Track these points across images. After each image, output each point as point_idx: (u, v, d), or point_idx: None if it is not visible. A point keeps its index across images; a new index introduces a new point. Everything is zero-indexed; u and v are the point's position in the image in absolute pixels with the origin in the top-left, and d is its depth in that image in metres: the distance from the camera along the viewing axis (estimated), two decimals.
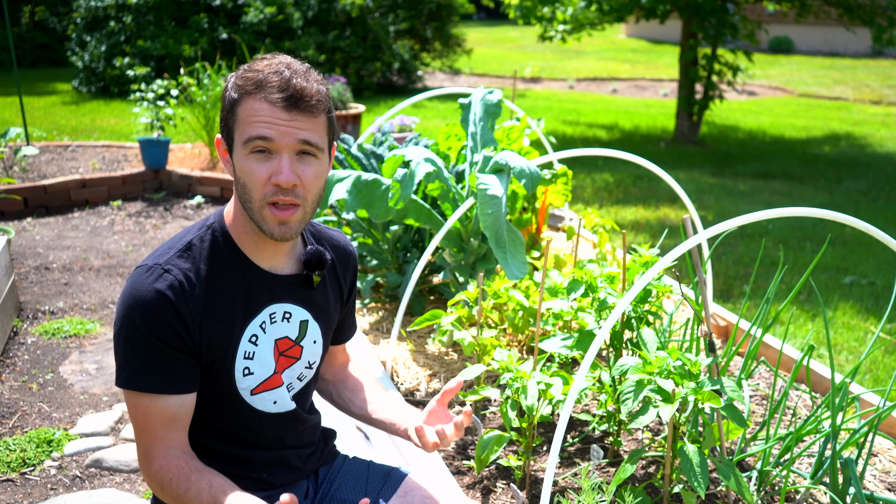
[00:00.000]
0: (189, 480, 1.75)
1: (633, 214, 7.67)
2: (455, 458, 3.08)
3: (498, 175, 3.55)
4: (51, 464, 3.21)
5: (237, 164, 1.78)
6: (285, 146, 1.75)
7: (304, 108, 1.75)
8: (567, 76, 20.37)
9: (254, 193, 1.77)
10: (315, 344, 2.02)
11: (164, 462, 1.77)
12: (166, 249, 1.84)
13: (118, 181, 7.23)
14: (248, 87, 1.75)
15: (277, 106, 1.73)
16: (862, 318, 5.06)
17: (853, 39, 24.05)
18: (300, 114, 1.74)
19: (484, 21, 37.95)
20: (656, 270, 2.28)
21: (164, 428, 1.78)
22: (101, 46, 13.74)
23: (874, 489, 2.85)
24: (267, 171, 1.75)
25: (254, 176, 1.75)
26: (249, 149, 1.75)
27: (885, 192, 8.95)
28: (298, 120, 1.74)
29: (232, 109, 1.77)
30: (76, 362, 4.08)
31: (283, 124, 1.73)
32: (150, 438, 1.78)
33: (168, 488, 1.76)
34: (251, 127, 1.74)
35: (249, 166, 1.76)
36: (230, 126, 1.79)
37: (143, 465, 1.80)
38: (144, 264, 1.80)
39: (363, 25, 14.96)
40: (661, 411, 2.31)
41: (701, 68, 11.25)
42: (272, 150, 1.75)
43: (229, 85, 1.80)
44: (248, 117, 1.74)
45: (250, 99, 1.74)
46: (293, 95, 1.73)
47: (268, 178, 1.75)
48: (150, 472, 1.78)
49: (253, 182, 1.76)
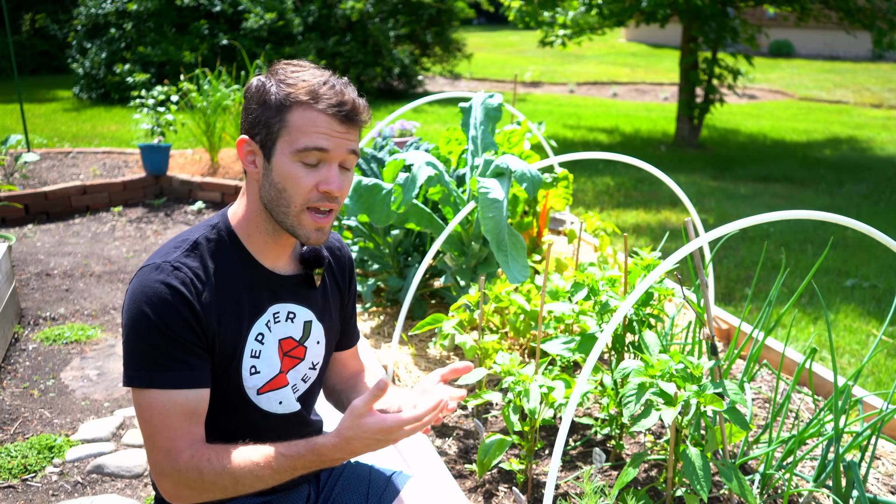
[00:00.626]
0: (227, 450, 1.74)
1: (635, 218, 7.66)
2: (457, 461, 3.08)
3: (499, 179, 3.55)
4: (52, 470, 3.20)
5: (279, 169, 1.79)
6: (337, 157, 1.80)
7: (356, 122, 1.81)
8: (567, 80, 20.39)
9: (295, 199, 1.79)
10: (318, 345, 2.03)
11: (194, 451, 1.74)
12: (172, 248, 1.83)
13: (119, 187, 7.23)
14: (301, 95, 1.77)
15: (336, 119, 1.77)
16: (864, 321, 5.05)
17: (854, 43, 24.06)
18: (352, 126, 1.80)
19: (484, 26, 37.99)
20: (658, 274, 2.27)
21: (185, 423, 1.76)
22: (102, 53, 13.76)
23: (877, 492, 2.84)
24: (314, 179, 1.79)
25: (300, 182, 1.78)
26: (301, 157, 1.77)
27: (886, 196, 8.94)
28: (350, 132, 1.80)
29: (280, 114, 1.78)
30: (77, 368, 4.07)
31: (339, 136, 1.78)
32: (171, 436, 1.74)
33: (208, 469, 1.72)
34: (308, 137, 1.76)
35: (296, 173, 1.78)
36: (274, 130, 1.79)
37: (168, 463, 1.74)
38: (151, 263, 1.79)
39: (363, 31, 14.98)
40: (663, 414, 2.31)
41: (701, 72, 11.26)
42: (324, 160, 1.79)
43: (271, 89, 1.80)
44: (303, 125, 1.76)
45: (305, 108, 1.77)
46: (351, 110, 1.79)
47: (314, 186, 1.79)
48: (179, 465, 1.73)
49: (298, 188, 1.78)
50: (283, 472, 1.72)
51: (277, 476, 1.73)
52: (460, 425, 3.33)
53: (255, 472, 1.72)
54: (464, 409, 3.46)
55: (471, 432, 3.29)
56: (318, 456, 1.70)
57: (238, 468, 1.72)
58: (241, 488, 1.74)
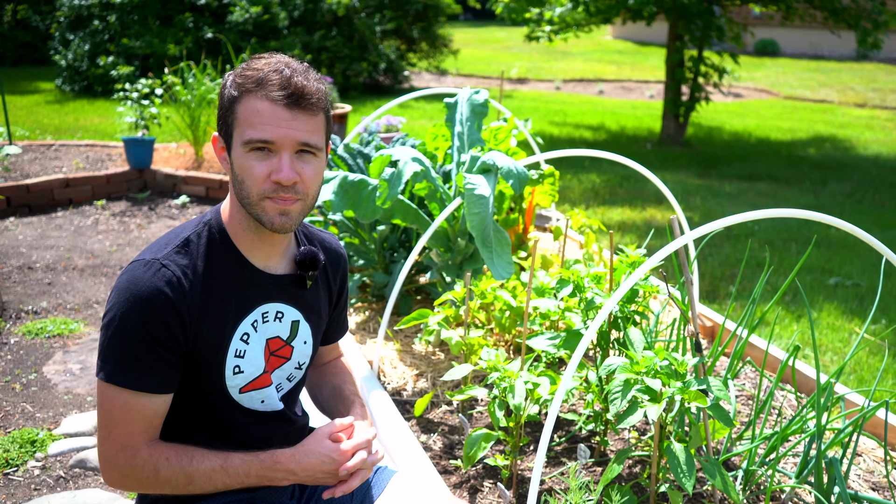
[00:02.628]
0: (187, 451, 1.78)
1: (620, 215, 7.68)
2: (442, 457, 3.08)
3: (485, 175, 3.55)
4: (34, 464, 3.18)
5: (236, 162, 1.79)
6: (286, 145, 1.76)
7: (305, 107, 1.76)
8: (553, 77, 20.40)
9: (252, 189, 1.77)
10: (305, 345, 2.02)
11: (153, 448, 1.77)
12: (163, 245, 1.83)
13: (102, 180, 7.18)
14: (249, 84, 1.75)
15: (279, 104, 1.74)
16: (847, 318, 5.08)
17: (838, 43, 24.18)
18: (301, 112, 1.76)
19: (470, 21, 37.94)
20: (643, 271, 2.28)
21: (144, 422, 1.78)
22: (85, 45, 13.65)
23: (858, 489, 2.86)
24: (266, 169, 1.76)
25: (253, 173, 1.76)
26: (249, 147, 1.76)
27: (869, 195, 8.99)
28: (299, 119, 1.76)
29: (231, 107, 1.77)
30: (60, 362, 4.04)
31: (284, 124, 1.74)
32: (129, 432, 1.76)
33: (165, 468, 1.75)
34: (252, 126, 1.74)
35: (248, 164, 1.76)
36: (229, 124, 1.79)
37: (123, 457, 1.76)
38: (142, 259, 1.79)
39: (349, 25, 14.93)
40: (648, 411, 2.31)
41: (687, 70, 11.28)
42: (273, 149, 1.76)
43: (228, 83, 1.80)
44: (248, 116, 1.75)
45: (251, 97, 1.75)
46: (294, 93, 1.75)
47: (267, 176, 1.76)
48: (136, 462, 1.76)
49: (252, 179, 1.77)
50: (237, 477, 1.79)
51: (230, 480, 1.79)
52: (445, 421, 3.34)
53: (209, 474, 1.77)
54: (449, 404, 3.46)
55: (456, 428, 3.29)
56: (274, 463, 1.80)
57: (195, 470, 1.76)
58: (193, 489, 1.79)
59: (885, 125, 14.45)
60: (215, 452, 1.79)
